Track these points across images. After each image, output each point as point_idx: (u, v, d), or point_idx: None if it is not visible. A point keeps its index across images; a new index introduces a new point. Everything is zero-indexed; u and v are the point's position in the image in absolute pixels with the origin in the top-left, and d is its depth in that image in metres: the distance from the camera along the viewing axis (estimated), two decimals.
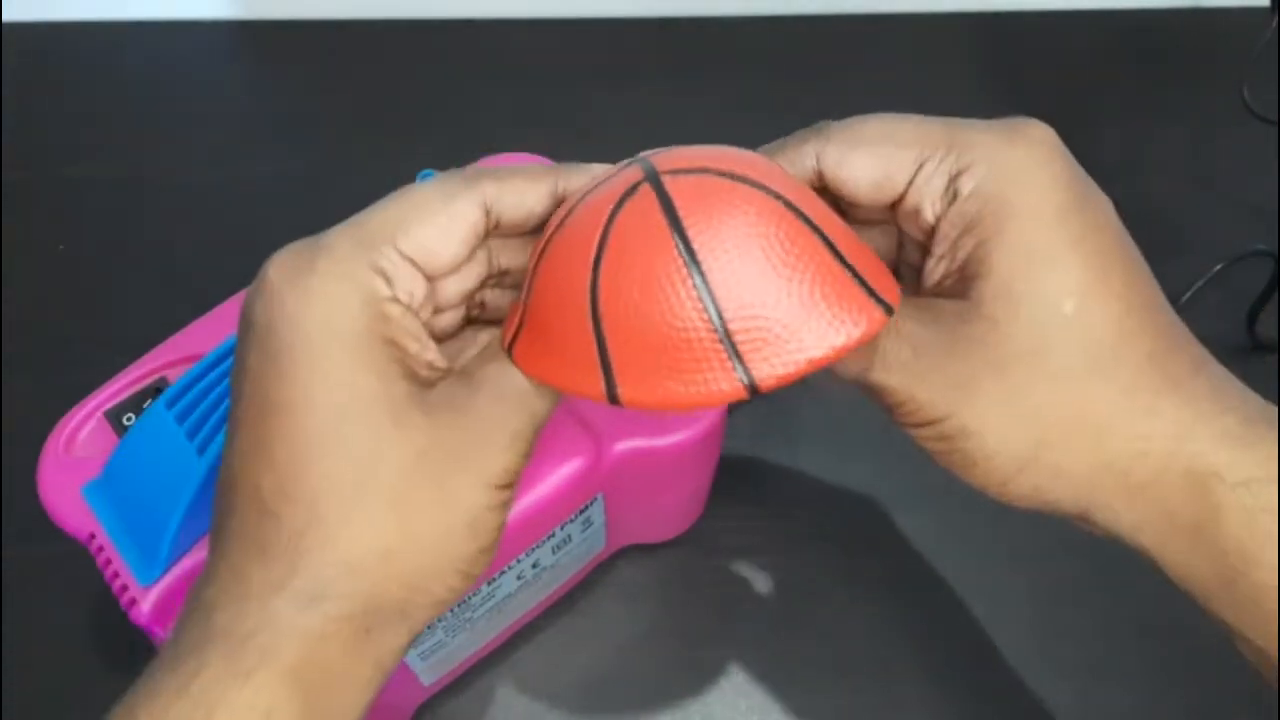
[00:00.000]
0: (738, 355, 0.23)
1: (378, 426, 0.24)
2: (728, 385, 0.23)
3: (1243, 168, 0.56)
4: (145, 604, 0.33)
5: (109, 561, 0.33)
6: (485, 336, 0.29)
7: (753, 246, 0.23)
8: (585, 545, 0.40)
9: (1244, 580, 0.24)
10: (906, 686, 0.41)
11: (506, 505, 0.26)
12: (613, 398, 0.24)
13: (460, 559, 0.25)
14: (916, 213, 0.27)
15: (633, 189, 0.24)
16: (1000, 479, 0.26)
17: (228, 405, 0.31)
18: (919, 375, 0.25)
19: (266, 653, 0.23)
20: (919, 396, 0.26)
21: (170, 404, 0.32)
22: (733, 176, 0.24)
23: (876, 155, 0.26)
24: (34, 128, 0.59)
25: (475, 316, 0.29)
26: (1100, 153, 0.58)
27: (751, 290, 0.23)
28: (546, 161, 0.41)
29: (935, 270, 0.27)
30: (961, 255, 0.26)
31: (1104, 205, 0.26)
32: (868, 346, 0.26)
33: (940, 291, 0.27)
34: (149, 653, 0.34)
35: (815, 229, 0.24)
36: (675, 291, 0.23)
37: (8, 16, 0.63)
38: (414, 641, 0.26)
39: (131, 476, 0.33)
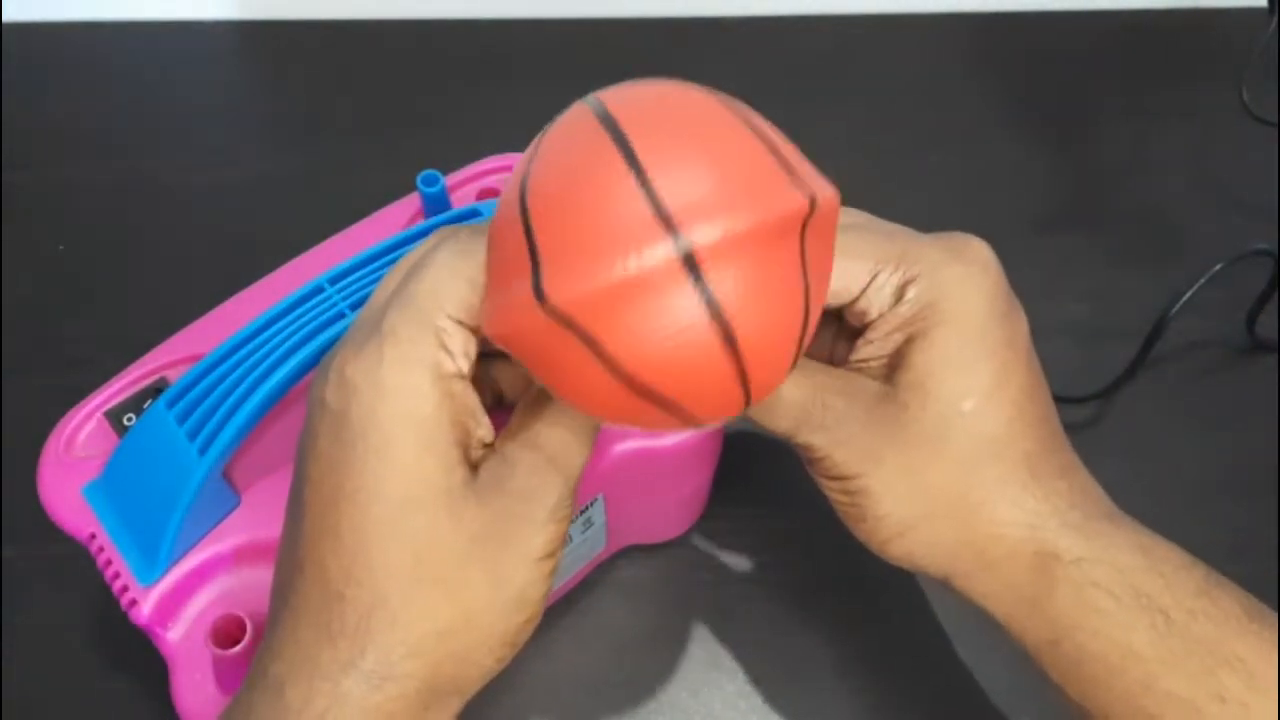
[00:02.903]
0: (671, 225, 0.22)
1: (436, 516, 0.25)
2: (662, 254, 0.22)
3: (1243, 168, 0.56)
4: (145, 604, 0.33)
5: (109, 562, 0.33)
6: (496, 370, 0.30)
7: (683, 124, 0.23)
8: (586, 545, 0.40)
9: (1067, 641, 0.28)
10: (908, 687, 0.41)
11: (550, 576, 0.27)
12: (539, 293, 0.22)
13: (509, 632, 0.27)
14: (863, 313, 0.30)
15: (566, 109, 0.25)
16: (882, 538, 0.30)
17: (229, 404, 0.32)
18: (838, 439, 0.29)
19: None
20: (835, 456, 0.30)
21: (171, 404, 0.32)
22: (675, 84, 0.24)
23: (836, 268, 0.28)
24: (34, 128, 0.59)
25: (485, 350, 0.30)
26: (1100, 153, 0.58)
27: (682, 163, 0.22)
28: None
29: (864, 350, 0.30)
30: (890, 347, 0.30)
31: (1020, 323, 0.30)
32: (796, 410, 0.29)
33: (864, 369, 0.30)
34: (149, 653, 0.34)
35: (747, 122, 0.24)
36: (604, 166, 0.22)
37: (8, 16, 0.63)
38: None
39: (132, 477, 0.33)
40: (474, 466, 0.27)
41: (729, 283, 0.22)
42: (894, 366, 0.30)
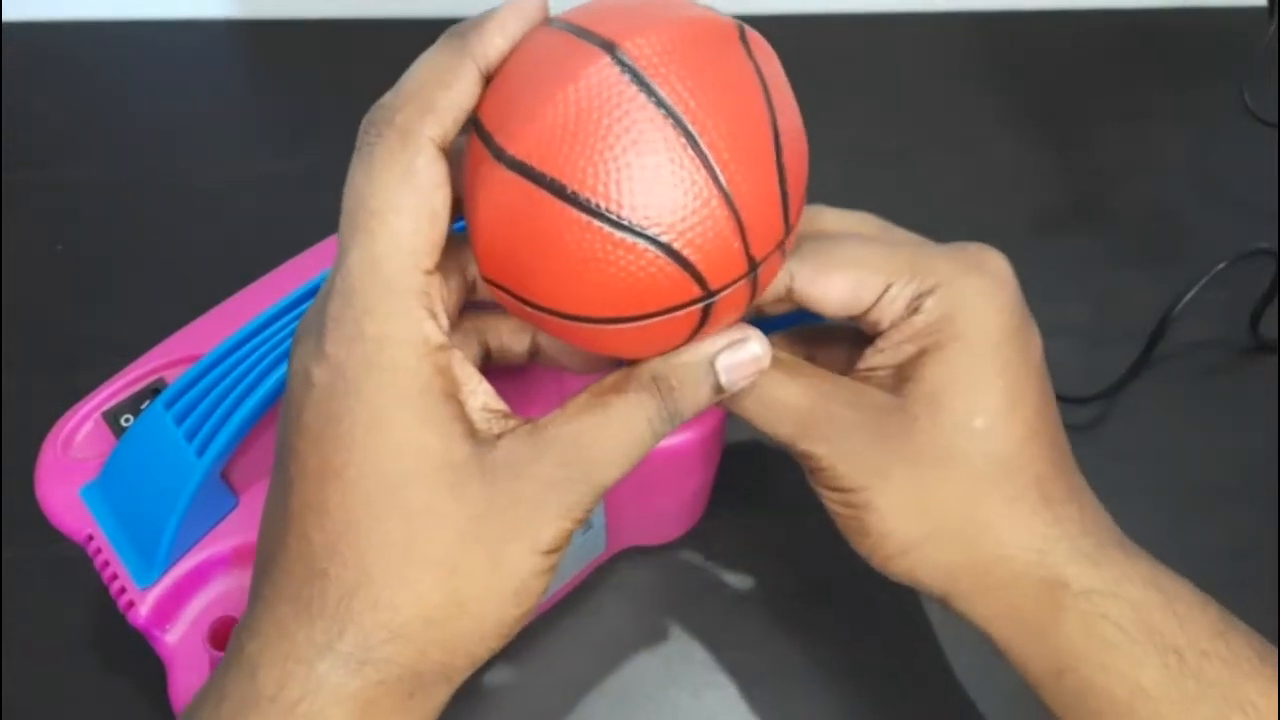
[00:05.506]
0: (607, 44, 0.22)
1: (435, 493, 0.24)
2: (599, 71, 0.22)
3: (1243, 168, 0.56)
4: (143, 606, 0.33)
5: (107, 563, 0.33)
6: (490, 323, 0.30)
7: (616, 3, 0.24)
8: (585, 547, 0.40)
9: (1072, 674, 0.28)
10: (906, 693, 0.41)
11: (552, 571, 0.26)
12: (496, 151, 0.23)
13: (504, 622, 0.25)
14: (876, 323, 0.29)
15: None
16: (884, 554, 0.29)
17: (227, 405, 0.31)
18: (842, 451, 0.29)
19: None
20: (839, 468, 0.29)
21: (168, 405, 0.32)
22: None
23: (848, 279, 0.29)
24: (34, 128, 0.59)
25: (471, 299, 0.29)
26: (1100, 153, 0.58)
27: (610, 14, 0.23)
28: None
29: (873, 358, 0.30)
30: (900, 357, 0.29)
31: (1034, 339, 0.30)
32: (800, 415, 0.29)
33: (871, 377, 0.30)
34: (148, 653, 0.34)
35: None
36: (537, 34, 0.24)
37: (8, 16, 0.62)
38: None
39: (129, 478, 0.33)
40: (489, 436, 0.25)
41: (675, 81, 0.22)
42: (904, 379, 0.29)
